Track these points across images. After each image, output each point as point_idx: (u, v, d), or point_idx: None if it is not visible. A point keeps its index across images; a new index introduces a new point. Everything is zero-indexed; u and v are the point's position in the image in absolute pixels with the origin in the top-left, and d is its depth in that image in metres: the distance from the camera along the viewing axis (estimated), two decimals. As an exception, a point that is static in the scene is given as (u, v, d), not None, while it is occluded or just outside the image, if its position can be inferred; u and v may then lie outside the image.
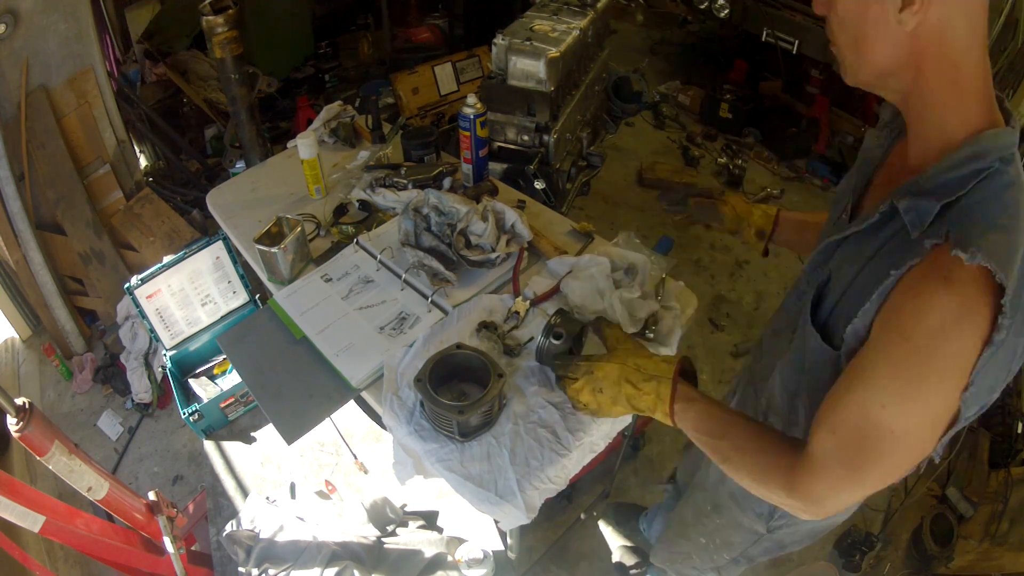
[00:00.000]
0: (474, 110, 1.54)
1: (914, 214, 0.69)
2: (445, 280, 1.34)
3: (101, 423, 2.33)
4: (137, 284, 2.04)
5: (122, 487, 1.46)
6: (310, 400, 1.23)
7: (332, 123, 1.90)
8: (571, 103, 2.69)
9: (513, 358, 1.25)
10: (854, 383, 0.71)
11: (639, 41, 4.73)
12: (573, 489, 2.04)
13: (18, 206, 2.28)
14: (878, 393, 0.68)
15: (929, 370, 0.65)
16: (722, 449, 0.85)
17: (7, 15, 2.16)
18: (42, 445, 1.23)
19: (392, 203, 1.58)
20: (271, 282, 1.47)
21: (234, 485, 2.13)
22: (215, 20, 2.20)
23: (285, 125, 3.55)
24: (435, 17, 4.24)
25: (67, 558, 1.94)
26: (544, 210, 1.64)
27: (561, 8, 2.72)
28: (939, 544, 1.95)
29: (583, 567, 1.92)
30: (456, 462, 1.09)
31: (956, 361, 0.64)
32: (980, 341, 0.63)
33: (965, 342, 0.63)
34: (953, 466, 2.16)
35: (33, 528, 1.29)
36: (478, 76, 3.63)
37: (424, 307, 1.35)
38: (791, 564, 1.97)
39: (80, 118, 2.48)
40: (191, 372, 2.32)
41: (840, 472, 0.72)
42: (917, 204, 0.69)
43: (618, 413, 0.97)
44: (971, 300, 0.62)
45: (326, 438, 2.23)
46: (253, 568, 1.72)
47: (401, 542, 1.83)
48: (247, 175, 1.87)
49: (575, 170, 2.94)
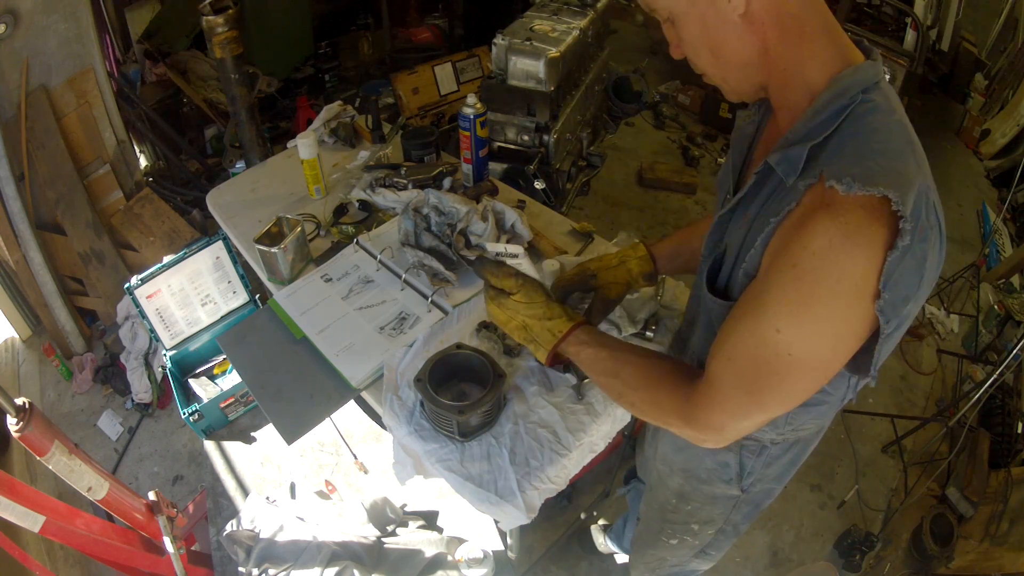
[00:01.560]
0: (474, 110, 1.54)
1: (785, 164, 0.71)
2: (445, 280, 1.34)
3: (101, 423, 2.33)
4: (137, 284, 2.04)
5: (122, 487, 1.46)
6: (310, 400, 1.23)
7: (332, 123, 1.90)
8: (571, 103, 2.69)
9: (513, 358, 1.25)
10: (747, 312, 0.72)
11: (639, 41, 4.74)
12: (573, 489, 2.04)
13: (18, 206, 2.28)
14: (771, 318, 0.68)
15: (821, 290, 0.64)
16: (616, 387, 0.87)
17: (7, 15, 2.16)
18: (42, 445, 1.23)
19: (392, 203, 1.58)
20: (271, 282, 1.47)
21: (234, 485, 2.13)
22: (215, 20, 2.20)
23: (285, 125, 3.56)
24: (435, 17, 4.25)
25: (67, 558, 1.94)
26: (544, 210, 1.64)
27: (561, 8, 2.72)
28: (939, 544, 1.95)
29: (583, 567, 1.92)
30: (456, 462, 1.09)
31: (849, 278, 0.63)
32: (880, 251, 0.62)
33: (857, 258, 0.63)
34: (953, 466, 2.17)
35: (33, 528, 1.29)
36: (478, 76, 3.63)
37: (424, 307, 1.35)
38: (791, 564, 1.97)
39: (80, 118, 2.48)
40: (191, 372, 2.32)
41: (740, 398, 0.73)
42: (787, 154, 0.71)
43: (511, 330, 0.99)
44: (858, 220, 0.62)
45: (326, 438, 2.23)
46: (253, 568, 1.72)
47: (401, 542, 1.83)
48: (247, 175, 1.87)
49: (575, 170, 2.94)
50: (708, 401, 0.76)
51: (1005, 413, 2.29)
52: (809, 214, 0.65)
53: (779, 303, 0.67)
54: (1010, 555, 1.88)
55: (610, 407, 1.17)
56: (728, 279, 0.81)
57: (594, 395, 1.19)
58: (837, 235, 0.62)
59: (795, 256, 0.65)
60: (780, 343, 0.68)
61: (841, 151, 0.67)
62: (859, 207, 0.62)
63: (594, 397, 1.18)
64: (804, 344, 0.68)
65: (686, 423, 0.79)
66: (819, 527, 2.07)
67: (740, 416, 0.75)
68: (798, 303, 0.66)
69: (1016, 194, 3.56)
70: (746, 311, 0.72)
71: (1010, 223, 3.58)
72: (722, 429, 0.77)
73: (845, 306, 0.65)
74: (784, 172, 0.71)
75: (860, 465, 2.25)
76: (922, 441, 2.27)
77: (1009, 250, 3.33)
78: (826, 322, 0.66)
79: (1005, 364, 1.97)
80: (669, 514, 1.21)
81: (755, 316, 0.70)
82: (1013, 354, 1.96)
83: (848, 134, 0.68)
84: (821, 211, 0.64)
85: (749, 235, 0.76)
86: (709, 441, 0.79)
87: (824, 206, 0.64)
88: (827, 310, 0.65)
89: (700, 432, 0.78)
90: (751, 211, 0.78)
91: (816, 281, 0.64)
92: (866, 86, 0.69)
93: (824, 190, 0.64)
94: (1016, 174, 3.25)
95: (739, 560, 1.96)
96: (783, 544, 2.01)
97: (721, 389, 0.74)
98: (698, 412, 0.77)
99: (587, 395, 1.18)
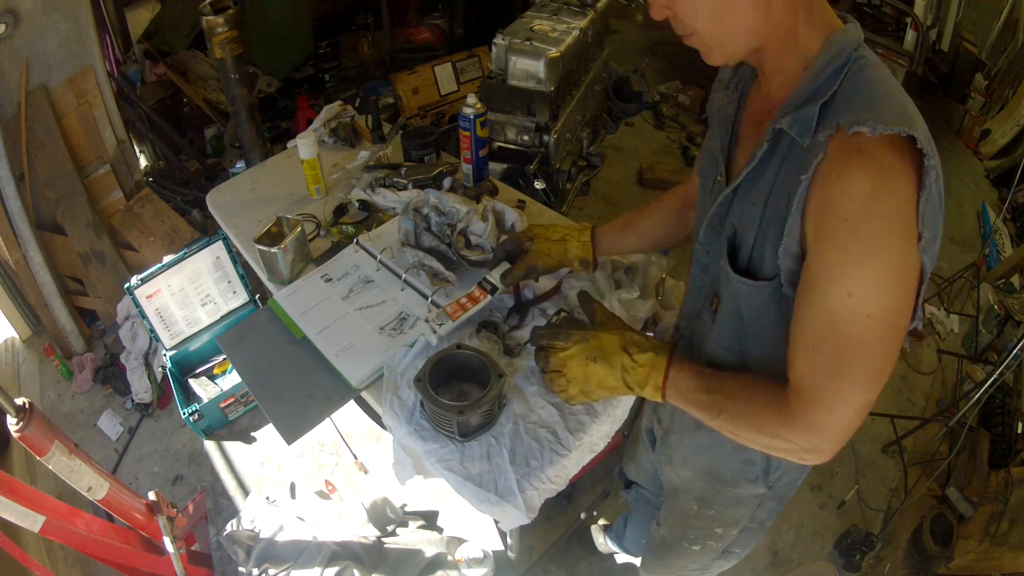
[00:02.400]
0: (474, 110, 1.54)
1: (799, 125, 0.71)
2: (445, 280, 1.34)
3: (101, 423, 2.33)
4: (137, 284, 2.04)
5: (122, 487, 1.46)
6: (310, 400, 1.23)
7: (332, 123, 1.90)
8: (571, 103, 2.70)
9: (513, 358, 1.25)
10: (811, 295, 0.69)
11: (639, 41, 4.73)
12: (573, 489, 2.04)
13: (18, 206, 2.28)
14: (839, 283, 0.66)
15: (879, 234, 0.64)
16: (716, 403, 0.82)
17: (7, 15, 2.16)
18: (42, 445, 1.23)
19: (392, 203, 1.58)
20: (271, 282, 1.47)
21: (234, 485, 2.13)
22: (215, 20, 2.20)
23: (285, 125, 3.56)
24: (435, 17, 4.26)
25: (67, 558, 1.94)
26: (544, 210, 1.64)
27: (561, 8, 2.72)
28: (939, 544, 1.95)
29: (583, 567, 1.92)
30: (456, 462, 1.09)
31: (899, 215, 0.64)
32: (913, 190, 0.64)
33: (900, 196, 0.64)
34: (953, 466, 2.17)
35: (33, 528, 1.29)
36: (478, 76, 3.63)
37: (424, 307, 1.35)
38: (791, 564, 1.97)
39: (80, 118, 2.48)
40: (191, 372, 2.32)
41: (836, 386, 0.69)
42: (798, 116, 0.71)
43: (599, 393, 0.91)
44: (889, 159, 0.63)
45: (326, 438, 2.23)
46: (253, 568, 1.72)
47: (401, 542, 1.83)
48: (247, 175, 1.87)
49: (575, 170, 2.95)
50: (805, 403, 0.71)
51: (1005, 413, 2.29)
52: (843, 163, 0.65)
53: (842, 264, 0.65)
54: (1010, 555, 1.88)
55: (610, 407, 1.17)
56: (750, 258, 0.79)
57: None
58: (877, 177, 0.63)
59: (843, 209, 0.64)
60: (856, 307, 0.65)
61: (849, 103, 0.68)
62: (888, 147, 0.63)
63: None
64: (879, 299, 0.65)
65: (791, 435, 0.73)
66: (819, 527, 2.07)
67: (842, 406, 0.70)
68: (860, 257, 0.64)
69: (1016, 194, 3.56)
70: (810, 296, 0.69)
71: (1010, 223, 3.58)
72: (828, 428, 0.71)
73: (901, 245, 0.65)
74: (798, 133, 0.71)
75: (860, 465, 2.25)
76: (922, 441, 2.27)
77: (1009, 250, 3.33)
78: (891, 269, 0.65)
79: (1005, 364, 1.97)
80: (691, 521, 1.18)
81: (822, 290, 0.67)
82: (1013, 354, 1.96)
83: (851, 88, 0.70)
84: (855, 157, 0.64)
85: (769, 207, 0.75)
86: (821, 452, 0.73)
87: (856, 152, 0.64)
88: (888, 254, 0.64)
89: (806, 440, 0.73)
90: (763, 183, 0.76)
91: (871, 227, 0.64)
92: (857, 45, 0.72)
93: (848, 138, 0.65)
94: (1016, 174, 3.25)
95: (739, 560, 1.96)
96: (783, 544, 2.01)
97: (814, 384, 0.70)
98: (797, 420, 0.72)
99: None
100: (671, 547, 1.29)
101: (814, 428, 0.72)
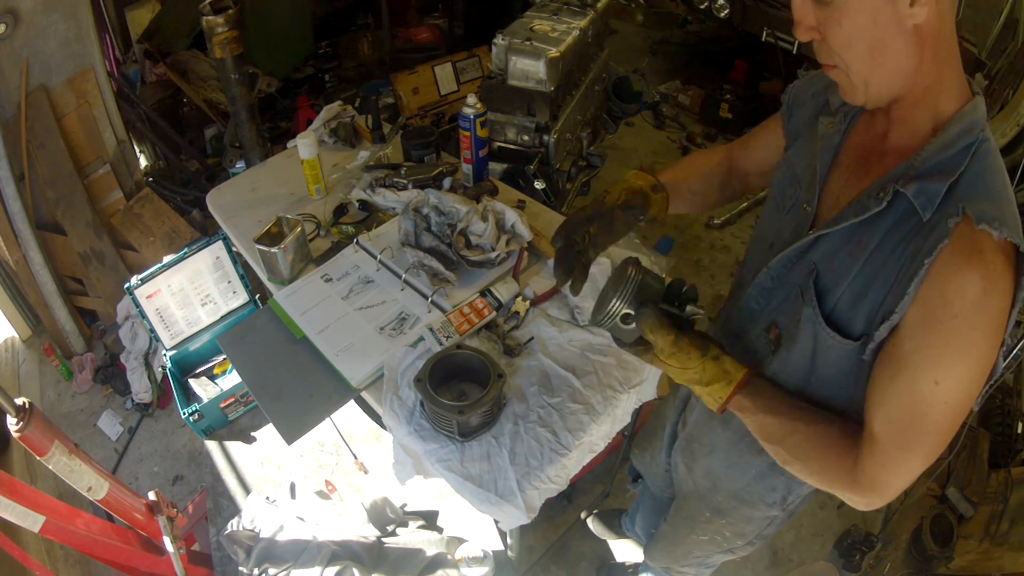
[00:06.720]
0: (474, 110, 1.54)
1: (924, 197, 0.70)
2: (445, 280, 1.34)
3: (101, 423, 2.33)
4: (137, 284, 2.04)
5: (122, 487, 1.46)
6: (310, 400, 1.23)
7: (332, 123, 1.90)
8: (571, 103, 2.69)
9: (513, 358, 1.25)
10: (902, 370, 0.71)
11: (639, 41, 4.73)
12: (573, 489, 2.04)
13: (18, 206, 2.28)
14: (930, 372, 0.69)
15: (978, 336, 0.67)
16: (781, 454, 0.86)
17: (7, 15, 2.16)
18: (42, 445, 1.23)
19: (392, 203, 1.58)
20: (271, 282, 1.47)
21: (234, 485, 2.13)
22: (215, 20, 2.19)
23: (285, 125, 3.55)
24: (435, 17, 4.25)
25: (67, 558, 1.94)
26: (544, 210, 1.64)
27: (561, 8, 2.72)
28: (939, 544, 1.94)
29: (583, 567, 1.92)
30: (456, 462, 1.09)
31: (998, 322, 0.67)
32: (1009, 300, 0.67)
33: (1002, 304, 0.67)
34: (953, 466, 2.16)
35: (33, 528, 1.29)
36: (478, 76, 3.63)
37: (424, 307, 1.35)
38: (791, 564, 1.97)
39: (80, 118, 2.48)
40: (191, 372, 2.32)
41: (903, 456, 0.74)
42: (925, 187, 0.70)
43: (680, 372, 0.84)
44: (999, 266, 0.66)
45: (326, 438, 2.23)
46: (253, 568, 1.72)
47: (401, 542, 1.83)
48: (247, 175, 1.87)
49: (575, 170, 2.94)
50: (874, 465, 0.76)
51: (1005, 413, 2.29)
52: (964, 259, 0.66)
53: (939, 356, 0.69)
54: (1010, 555, 1.88)
55: (610, 407, 1.17)
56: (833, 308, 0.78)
57: (594, 394, 1.18)
58: (989, 283, 0.65)
59: (956, 307, 0.66)
60: (938, 394, 0.69)
61: (975, 190, 0.69)
62: (1001, 252, 0.65)
63: (594, 397, 1.18)
64: (959, 390, 0.70)
65: (853, 490, 0.80)
66: (819, 527, 2.07)
67: (906, 473, 0.76)
68: (958, 354, 0.68)
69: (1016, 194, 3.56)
70: (901, 371, 0.71)
71: (1010, 223, 3.58)
72: (888, 488, 0.77)
73: (990, 349, 0.69)
74: (922, 206, 0.70)
75: (860, 465, 2.25)
76: (922, 441, 2.27)
77: (1009, 250, 3.32)
78: (977, 368, 0.69)
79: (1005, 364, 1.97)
80: (700, 524, 1.22)
81: (912, 374, 0.70)
82: (1013, 354, 1.96)
83: (976, 172, 0.70)
84: (976, 256, 0.65)
85: (869, 264, 0.74)
86: (872, 504, 0.80)
87: (978, 252, 0.65)
88: (980, 355, 0.69)
89: (865, 496, 0.79)
90: (868, 239, 0.75)
91: (974, 328, 0.67)
92: (985, 123, 0.72)
93: (973, 231, 0.65)
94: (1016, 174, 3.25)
95: (739, 560, 1.95)
96: (783, 544, 2.01)
97: (885, 451, 0.75)
98: (864, 479, 0.77)
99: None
100: (677, 543, 1.34)
101: (876, 488, 0.78)
